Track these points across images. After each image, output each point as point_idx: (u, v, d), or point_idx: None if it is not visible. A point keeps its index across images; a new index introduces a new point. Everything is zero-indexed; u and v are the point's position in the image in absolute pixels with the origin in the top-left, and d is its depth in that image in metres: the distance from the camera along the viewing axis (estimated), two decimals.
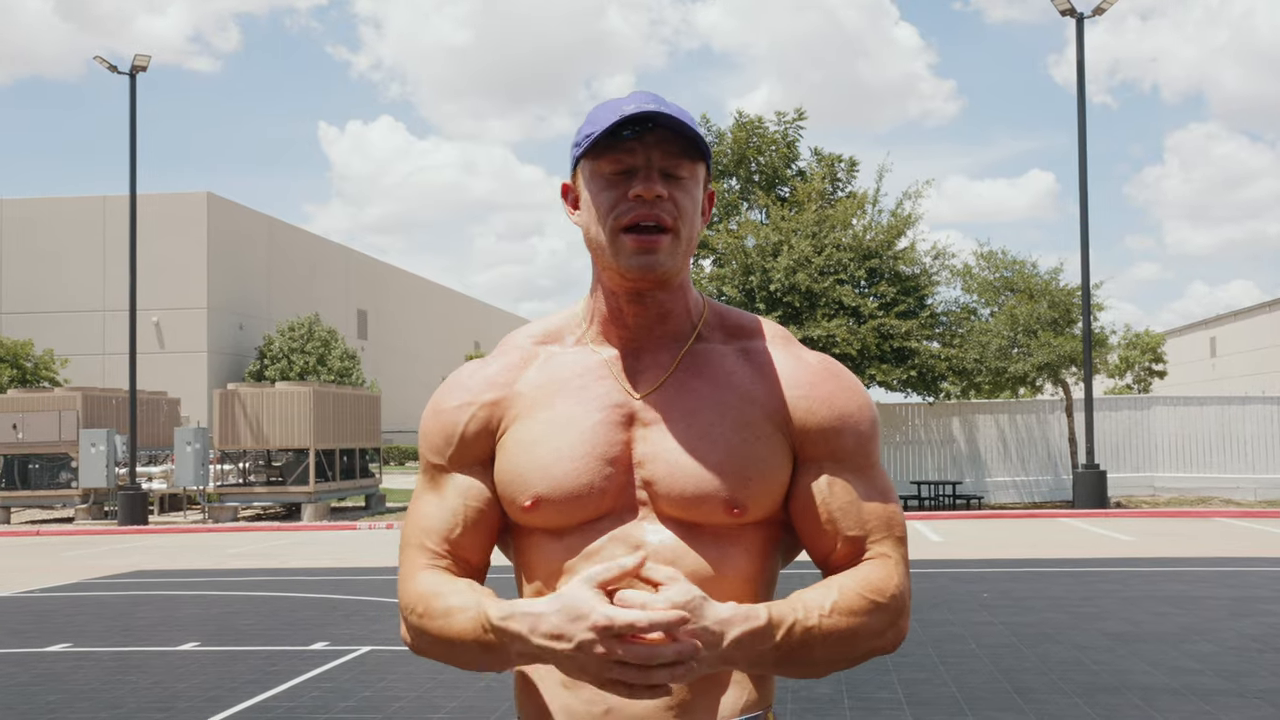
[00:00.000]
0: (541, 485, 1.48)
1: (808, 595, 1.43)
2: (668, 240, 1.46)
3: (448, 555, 1.53)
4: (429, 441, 1.60)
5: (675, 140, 1.47)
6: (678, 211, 1.47)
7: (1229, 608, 9.21)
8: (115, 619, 9.86)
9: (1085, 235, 21.23)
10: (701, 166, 1.51)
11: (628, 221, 1.46)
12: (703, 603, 1.32)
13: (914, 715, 5.89)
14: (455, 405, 1.58)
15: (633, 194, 1.45)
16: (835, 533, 1.51)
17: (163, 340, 39.58)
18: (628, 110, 1.44)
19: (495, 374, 1.59)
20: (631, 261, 1.46)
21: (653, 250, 1.46)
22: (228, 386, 23.44)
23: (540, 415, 1.53)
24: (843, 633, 1.42)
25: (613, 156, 1.47)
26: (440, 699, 6.41)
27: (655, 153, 1.46)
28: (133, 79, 22.96)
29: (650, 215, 1.45)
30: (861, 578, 1.47)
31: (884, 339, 21.01)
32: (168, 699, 6.63)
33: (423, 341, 59.01)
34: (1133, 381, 42.79)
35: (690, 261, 1.55)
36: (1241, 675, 6.69)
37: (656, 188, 1.45)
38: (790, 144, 23.55)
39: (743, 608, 1.36)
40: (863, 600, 1.44)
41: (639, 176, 1.46)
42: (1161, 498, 22.74)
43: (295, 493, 22.56)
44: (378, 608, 10.06)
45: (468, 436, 1.56)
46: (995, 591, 10.35)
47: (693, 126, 1.45)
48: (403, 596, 1.53)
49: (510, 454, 1.52)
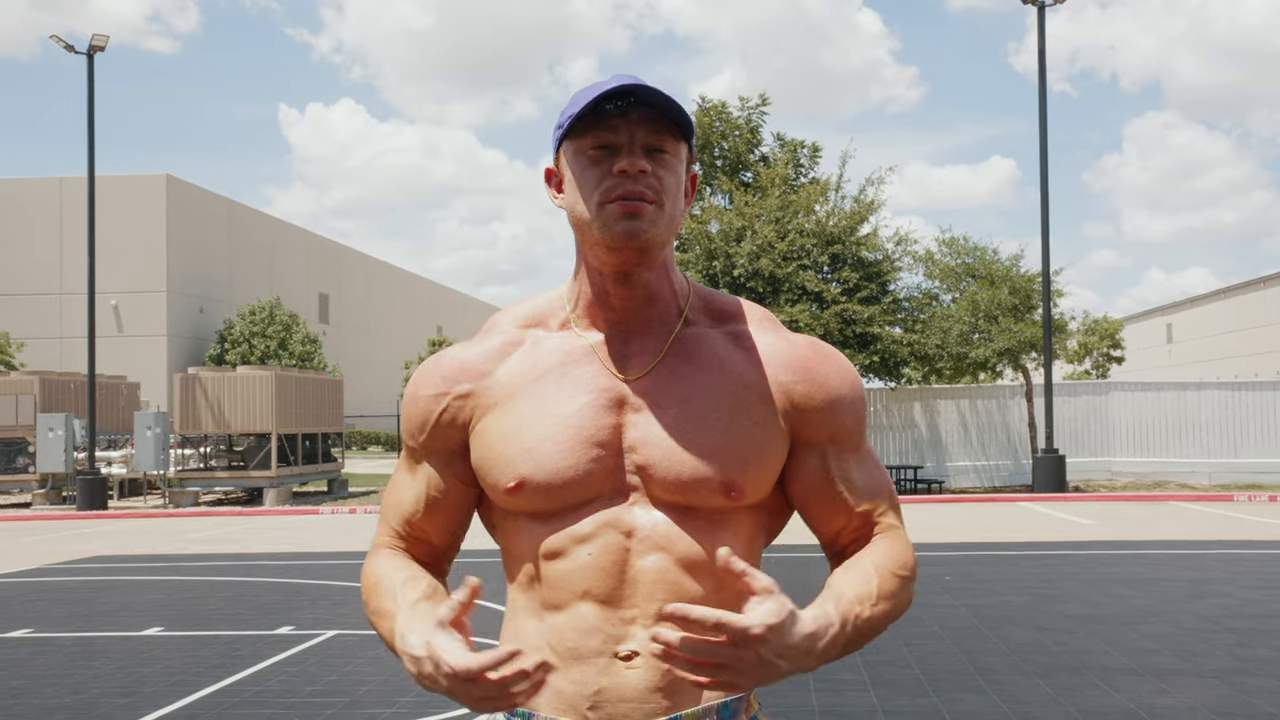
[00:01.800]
0: (525, 467, 1.48)
1: (858, 587, 1.46)
2: (651, 208, 1.47)
3: (408, 536, 1.63)
4: (406, 424, 1.65)
5: (658, 118, 1.48)
6: (661, 186, 1.47)
7: (1185, 589, 9.37)
8: (76, 604, 9.78)
9: (1045, 222, 21.42)
10: (684, 145, 1.52)
11: (613, 198, 1.46)
12: (793, 621, 1.33)
13: (878, 696, 5.96)
14: (431, 393, 1.60)
15: (617, 169, 1.46)
16: (847, 510, 1.55)
17: (121, 324, 39.16)
18: (609, 87, 1.45)
19: (474, 361, 1.59)
20: (617, 228, 1.46)
21: (637, 215, 1.46)
22: (188, 370, 23.24)
23: (523, 402, 1.53)
24: (886, 614, 1.47)
25: (595, 134, 1.48)
26: (407, 682, 6.42)
27: (638, 129, 1.47)
28: (90, 59, 22.64)
29: (634, 190, 1.46)
30: (890, 556, 1.51)
31: (846, 324, 21.12)
32: (132, 684, 6.59)
33: (385, 326, 58.71)
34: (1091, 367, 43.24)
35: (673, 242, 1.56)
36: (1198, 655, 6.82)
37: (640, 162, 1.45)
38: (754, 129, 23.58)
39: (821, 616, 1.38)
40: (896, 580, 1.49)
41: (622, 152, 1.47)
42: (1119, 482, 23.05)
43: (257, 477, 22.42)
44: (342, 592, 10.03)
45: (440, 425, 1.58)
46: (956, 574, 10.46)
47: (675, 101, 1.46)
48: (364, 569, 1.62)
49: (489, 439, 1.53)
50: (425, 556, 1.64)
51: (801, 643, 1.33)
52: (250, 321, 39.84)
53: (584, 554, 1.47)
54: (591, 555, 1.47)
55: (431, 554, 1.64)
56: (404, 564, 1.58)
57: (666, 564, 1.47)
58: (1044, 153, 21.47)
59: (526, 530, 1.52)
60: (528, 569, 1.52)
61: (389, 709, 5.85)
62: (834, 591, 1.45)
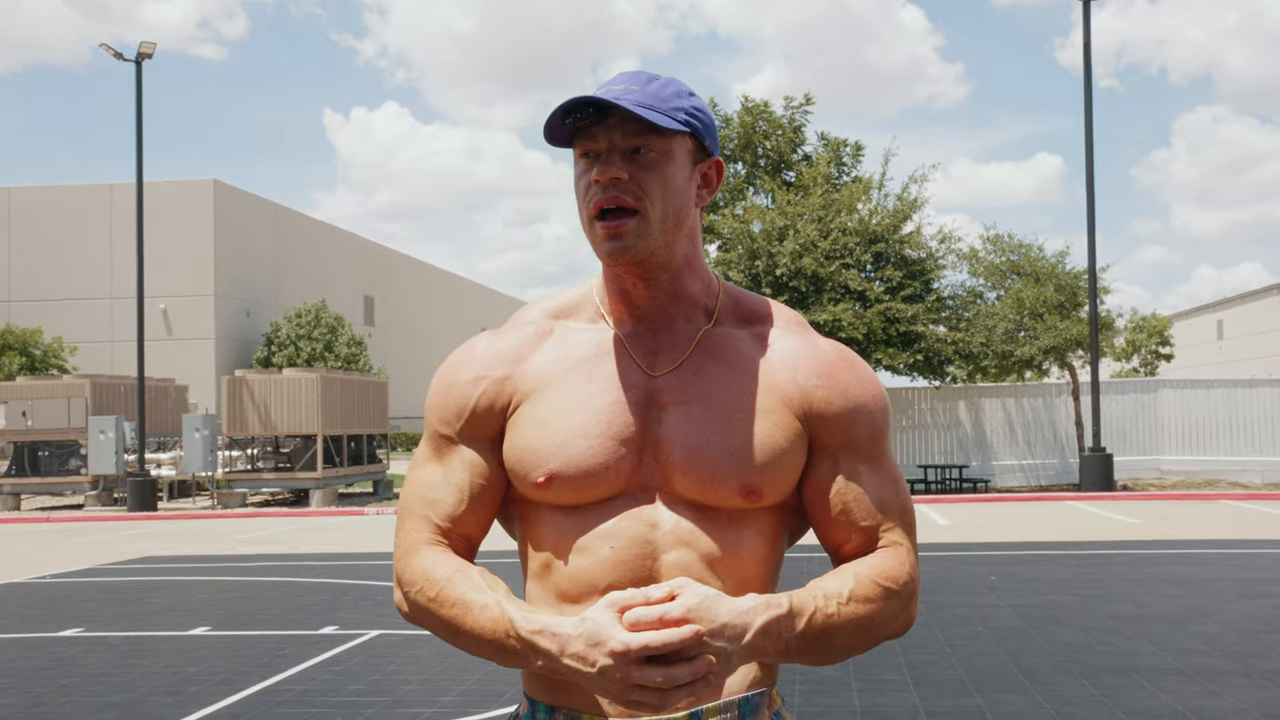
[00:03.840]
0: (555, 462, 1.48)
1: (826, 583, 1.45)
2: (634, 222, 1.46)
3: (451, 532, 1.54)
4: (438, 412, 1.58)
5: (637, 118, 1.46)
6: (642, 191, 1.46)
7: (1235, 589, 9.23)
8: (126, 604, 9.92)
9: (1092, 218, 21.19)
10: (681, 140, 1.50)
11: (593, 208, 1.47)
12: (716, 600, 1.34)
13: (920, 696, 5.92)
14: (469, 379, 1.57)
15: (592, 179, 1.46)
16: (849, 522, 1.52)
17: (170, 327, 39.69)
18: (576, 99, 1.45)
19: (508, 348, 1.58)
20: (604, 248, 1.48)
21: (619, 235, 1.46)
22: (235, 373, 23.50)
23: (555, 392, 1.52)
24: (860, 620, 1.44)
25: (580, 143, 1.49)
26: (448, 682, 6.45)
27: (616, 134, 1.46)
28: (139, 66, 22.96)
29: (609, 199, 1.46)
30: (876, 566, 1.49)
31: (890, 323, 21.00)
32: (178, 683, 6.68)
33: (429, 327, 59.09)
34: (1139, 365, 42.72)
35: (695, 240, 1.55)
36: (1248, 656, 6.71)
37: (612, 170, 1.45)
38: (797, 129, 23.49)
39: (763, 597, 1.38)
40: (877, 588, 1.47)
41: (601, 160, 1.47)
42: (1168, 480, 22.74)
43: (303, 479, 22.63)
44: (385, 592, 10.10)
45: (479, 411, 1.55)
46: (1001, 574, 10.37)
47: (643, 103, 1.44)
48: (404, 568, 1.52)
49: (523, 430, 1.52)
50: (464, 554, 1.56)
51: (734, 620, 1.34)
52: (296, 324, 40.23)
53: (607, 549, 1.46)
54: (615, 550, 1.46)
55: (469, 551, 1.57)
56: (464, 563, 1.51)
57: (690, 560, 1.46)
58: (1090, 149, 21.23)
59: (551, 522, 1.51)
60: (547, 561, 1.51)
61: (430, 708, 5.88)
62: (803, 587, 1.45)
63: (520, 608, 1.41)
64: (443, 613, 1.46)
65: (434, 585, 1.48)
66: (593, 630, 1.33)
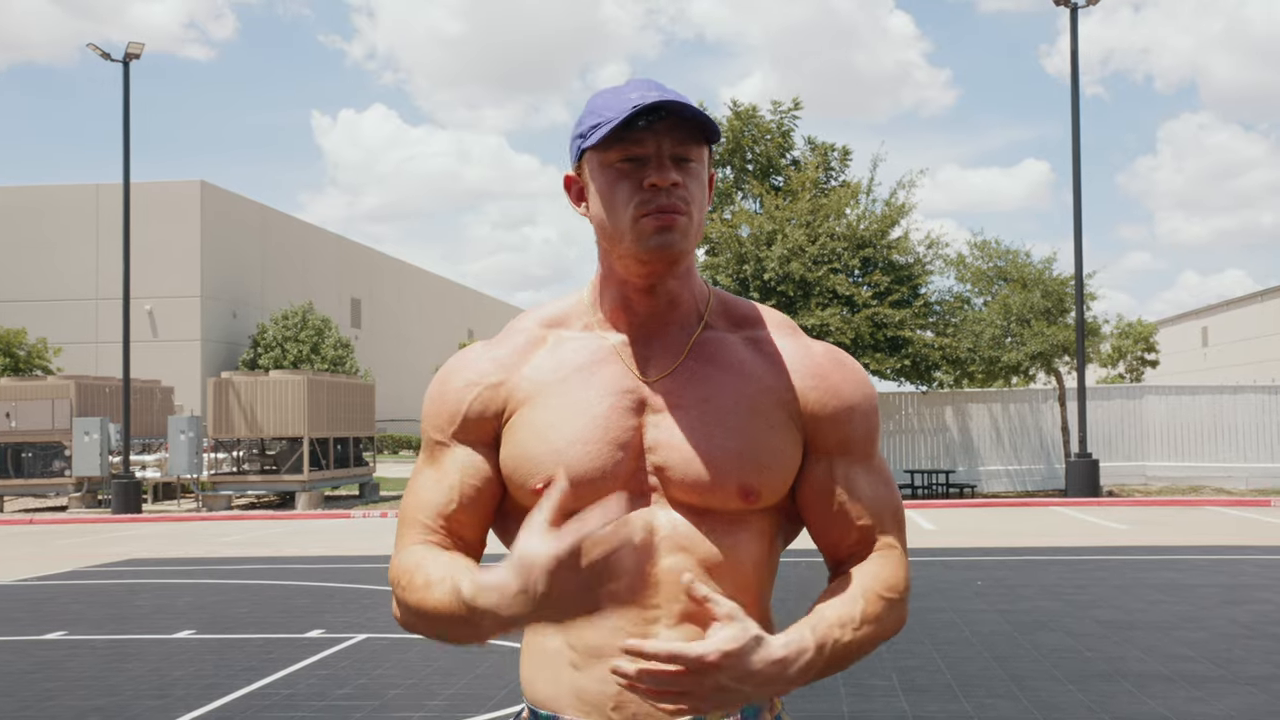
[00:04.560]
0: (554, 468, 1.47)
1: (840, 610, 1.45)
2: (683, 220, 1.47)
3: (442, 530, 1.53)
4: (432, 419, 1.59)
5: (683, 125, 1.47)
6: (690, 197, 1.48)
7: (1221, 595, 9.26)
8: (110, 607, 9.87)
9: (1078, 225, 21.26)
10: (706, 150, 1.52)
11: (648, 212, 1.46)
12: (755, 646, 1.32)
13: (909, 702, 5.93)
14: (461, 385, 1.57)
15: (648, 183, 1.45)
16: (846, 522, 1.54)
17: (156, 329, 39.53)
18: (634, 99, 1.44)
19: (503, 356, 1.58)
20: (651, 242, 1.46)
21: (671, 228, 1.46)
22: (221, 375, 23.42)
23: (551, 399, 1.52)
24: (870, 637, 1.47)
25: (622, 147, 1.47)
26: (436, 686, 6.43)
27: (665, 140, 1.46)
28: (126, 66, 22.88)
29: (668, 205, 1.46)
30: (880, 578, 1.51)
31: (878, 328, 21.04)
32: (164, 686, 6.64)
33: (416, 330, 58.97)
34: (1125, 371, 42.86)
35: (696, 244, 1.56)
36: (1233, 662, 6.74)
37: (670, 175, 1.45)
38: (785, 133, 23.54)
39: (794, 641, 1.38)
40: (883, 602, 1.49)
41: (651, 165, 1.46)
42: (1154, 486, 22.82)
43: (289, 481, 22.57)
44: (372, 595, 10.08)
45: (471, 416, 1.55)
46: (988, 579, 10.39)
47: (700, 111, 1.46)
48: (391, 571, 1.52)
49: (520, 437, 1.52)
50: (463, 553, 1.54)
51: (767, 669, 1.33)
52: (283, 326, 40.09)
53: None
54: None
55: (467, 552, 1.55)
56: (437, 549, 1.49)
57: (688, 564, 1.46)
58: (1076, 155, 21.32)
59: None
60: None
61: (418, 712, 5.86)
62: (815, 615, 1.44)
63: (470, 571, 1.35)
64: (412, 600, 1.43)
65: (405, 574, 1.46)
66: (520, 556, 1.26)
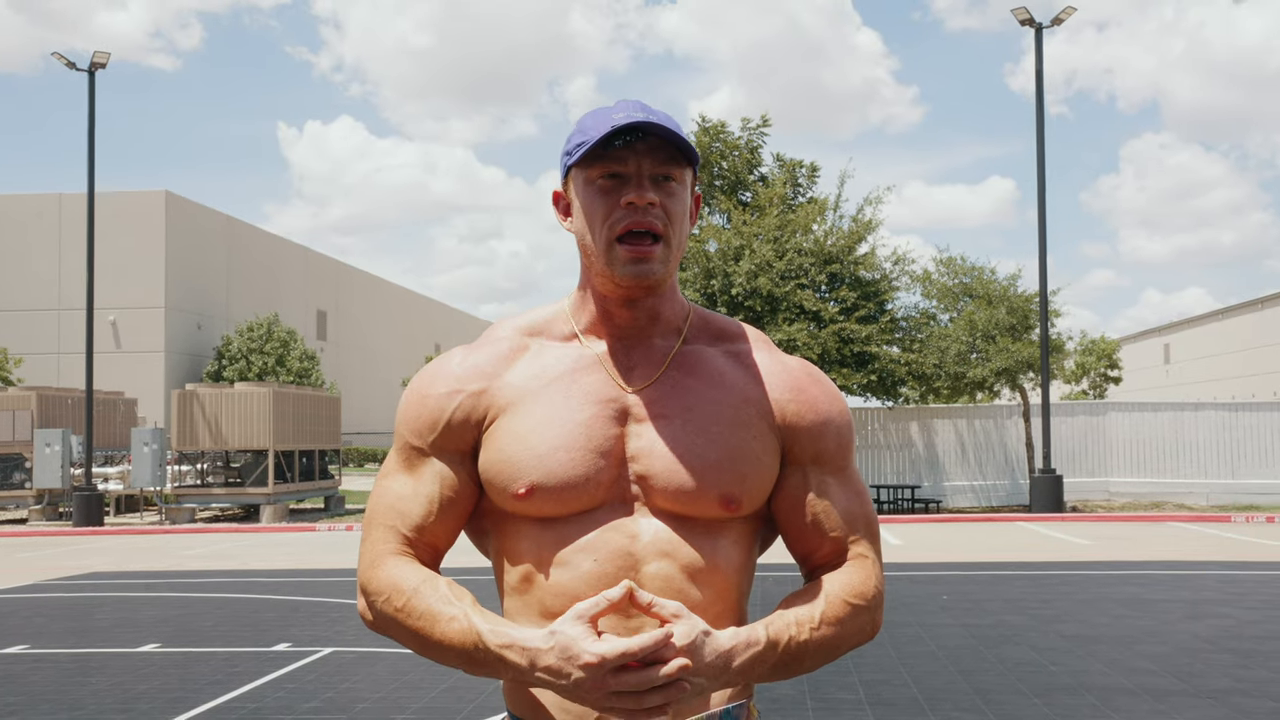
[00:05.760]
0: (536, 474, 1.49)
1: (799, 610, 1.49)
2: (660, 249, 1.51)
3: (417, 541, 1.55)
4: (410, 424, 1.59)
5: (665, 147, 1.51)
6: (668, 218, 1.51)
7: (1183, 610, 9.37)
8: (73, 620, 9.76)
9: (1043, 242, 21.49)
10: (689, 171, 1.55)
11: (621, 230, 1.49)
12: (705, 639, 1.39)
13: (876, 716, 5.96)
14: (443, 392, 1.58)
15: (625, 201, 1.49)
16: (820, 532, 1.57)
17: (119, 340, 39.15)
18: (618, 120, 1.47)
19: (484, 363, 1.60)
20: (625, 270, 1.50)
21: (646, 260, 1.50)
22: (186, 387, 23.23)
23: (533, 406, 1.54)
24: (830, 639, 1.50)
25: (604, 164, 1.50)
26: (405, 699, 6.41)
27: (646, 160, 1.50)
28: (92, 76, 22.70)
29: (642, 223, 1.49)
30: (845, 584, 1.54)
31: (844, 343, 21.15)
32: (129, 700, 6.58)
33: (382, 343, 58.70)
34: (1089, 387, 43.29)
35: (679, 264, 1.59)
36: (1194, 676, 6.82)
37: (648, 195, 1.48)
38: (753, 149, 23.67)
39: (743, 634, 1.43)
40: (847, 607, 1.52)
41: (631, 184, 1.50)
42: (1116, 502, 23.04)
43: (254, 494, 22.39)
44: (339, 609, 10.02)
45: (453, 424, 1.56)
46: (954, 594, 10.46)
47: (680, 134, 1.49)
48: (370, 578, 1.52)
49: (502, 443, 1.53)
50: (430, 563, 1.57)
51: (716, 660, 1.39)
52: (248, 338, 39.81)
53: (589, 563, 1.48)
54: (597, 564, 1.48)
55: (435, 560, 1.58)
56: (431, 574, 1.52)
57: (671, 571, 1.49)
58: (1041, 173, 21.55)
59: (530, 534, 1.52)
60: (527, 575, 1.52)
61: None
62: (773, 615, 1.49)
63: (487, 619, 1.43)
64: (409, 623, 1.47)
65: (401, 595, 1.49)
66: (565, 644, 1.35)
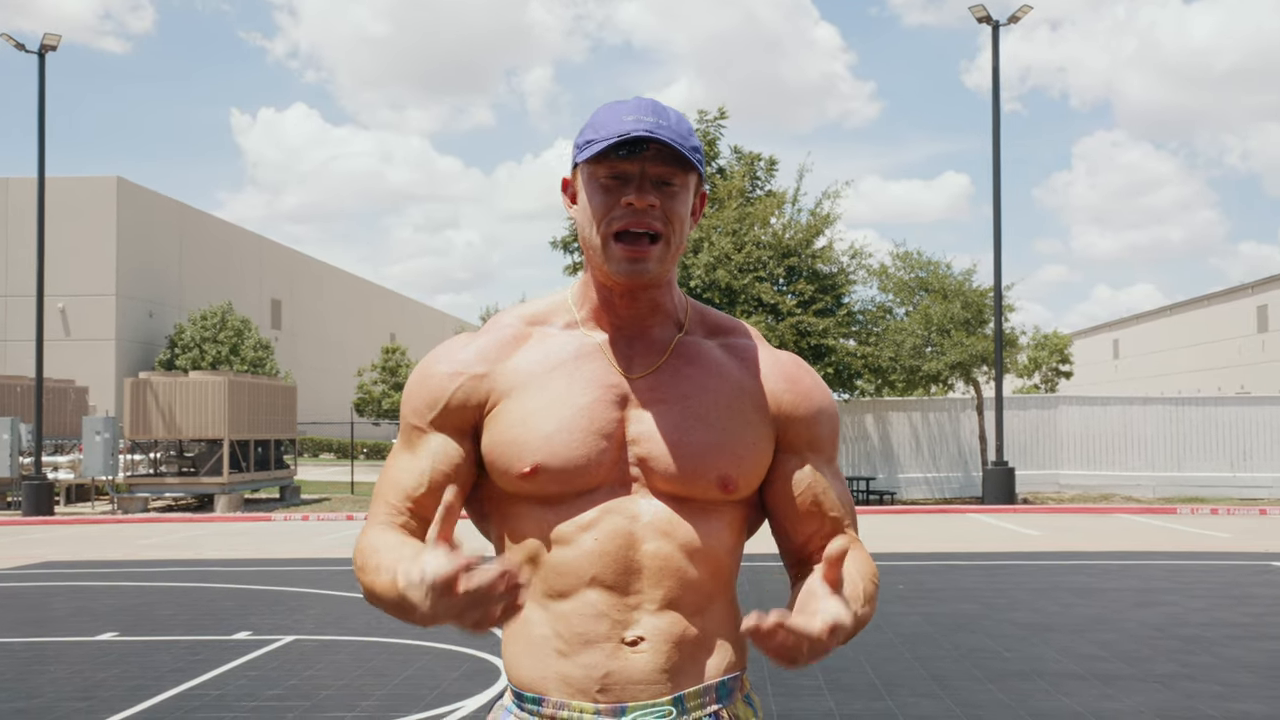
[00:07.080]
0: (540, 454, 1.54)
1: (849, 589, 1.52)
2: (657, 248, 1.56)
3: (409, 512, 1.59)
4: (412, 404, 1.64)
5: (671, 152, 1.55)
6: (667, 218, 1.56)
7: (1131, 599, 9.58)
8: (27, 610, 9.68)
9: (998, 238, 21.75)
10: (694, 175, 1.59)
11: (619, 228, 1.54)
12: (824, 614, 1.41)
13: (835, 700, 6.07)
14: (446, 373, 1.63)
15: (625, 201, 1.54)
16: (819, 515, 1.64)
17: (69, 328, 38.64)
18: (627, 125, 1.52)
19: (487, 347, 1.64)
20: (619, 268, 1.56)
21: (641, 260, 1.55)
22: (140, 375, 23.00)
23: (537, 391, 1.59)
24: (866, 619, 1.57)
25: (610, 164, 1.56)
26: (369, 686, 6.44)
27: (650, 163, 1.55)
28: (42, 58, 22.39)
29: (641, 223, 1.54)
30: (865, 568, 1.61)
31: (801, 336, 21.32)
32: (88, 688, 6.56)
33: (338, 332, 58.30)
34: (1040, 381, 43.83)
35: (678, 260, 1.65)
36: (1142, 661, 7.00)
37: (649, 197, 1.53)
38: (711, 142, 23.76)
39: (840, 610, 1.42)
40: (873, 587, 1.60)
41: (633, 185, 1.54)
42: (1067, 494, 23.41)
43: (209, 484, 22.23)
44: (299, 598, 10.01)
45: (452, 404, 1.61)
46: (909, 583, 10.62)
47: (683, 143, 1.53)
48: (356, 549, 1.57)
49: (505, 425, 1.58)
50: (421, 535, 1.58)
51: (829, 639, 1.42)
52: (201, 327, 39.44)
53: (590, 540, 1.53)
54: (598, 542, 1.53)
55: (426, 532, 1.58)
56: (402, 534, 1.55)
57: (670, 550, 1.55)
58: (997, 170, 21.81)
59: (531, 515, 1.57)
60: (529, 554, 1.56)
61: (350, 712, 5.87)
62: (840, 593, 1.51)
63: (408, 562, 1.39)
64: (365, 580, 1.51)
65: (362, 555, 1.53)
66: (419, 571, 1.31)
